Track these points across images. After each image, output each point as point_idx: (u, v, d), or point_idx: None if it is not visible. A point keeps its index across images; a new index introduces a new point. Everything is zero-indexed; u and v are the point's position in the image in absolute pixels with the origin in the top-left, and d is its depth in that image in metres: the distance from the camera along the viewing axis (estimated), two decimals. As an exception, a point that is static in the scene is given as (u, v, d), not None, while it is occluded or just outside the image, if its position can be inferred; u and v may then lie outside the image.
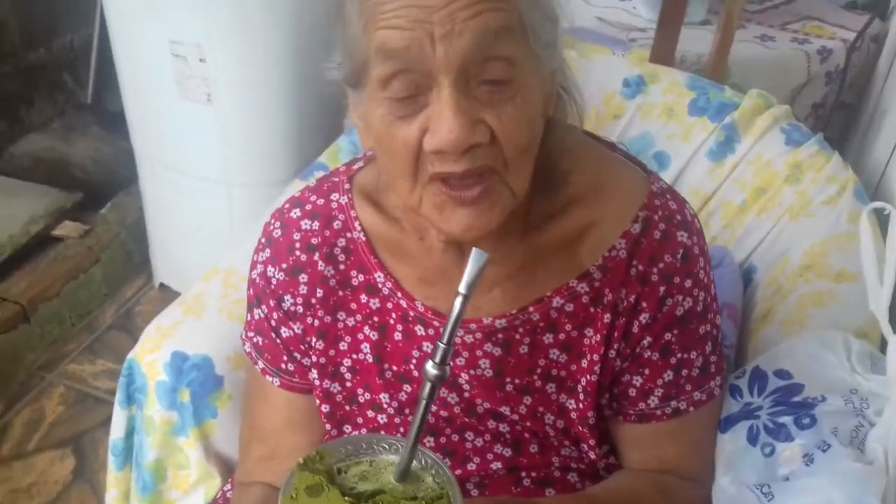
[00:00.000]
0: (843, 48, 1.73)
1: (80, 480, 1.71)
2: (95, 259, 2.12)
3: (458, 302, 0.63)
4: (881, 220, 1.11)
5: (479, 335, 0.84)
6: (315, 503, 0.64)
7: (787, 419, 0.85)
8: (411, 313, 0.84)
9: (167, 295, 2.11)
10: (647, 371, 0.85)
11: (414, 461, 0.66)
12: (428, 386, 0.63)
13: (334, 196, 0.87)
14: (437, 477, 0.67)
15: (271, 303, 0.88)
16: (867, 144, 1.55)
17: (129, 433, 1.11)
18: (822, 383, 0.88)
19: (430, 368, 0.63)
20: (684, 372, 0.85)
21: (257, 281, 0.89)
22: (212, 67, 1.69)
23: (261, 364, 0.91)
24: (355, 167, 0.89)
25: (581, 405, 0.85)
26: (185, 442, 1.08)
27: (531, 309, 0.82)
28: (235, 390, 1.09)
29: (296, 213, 0.88)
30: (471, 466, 0.89)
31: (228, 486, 1.07)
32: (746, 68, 1.67)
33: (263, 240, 0.89)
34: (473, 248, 0.64)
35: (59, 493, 1.68)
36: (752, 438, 0.86)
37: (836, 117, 1.80)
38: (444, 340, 0.63)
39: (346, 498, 0.65)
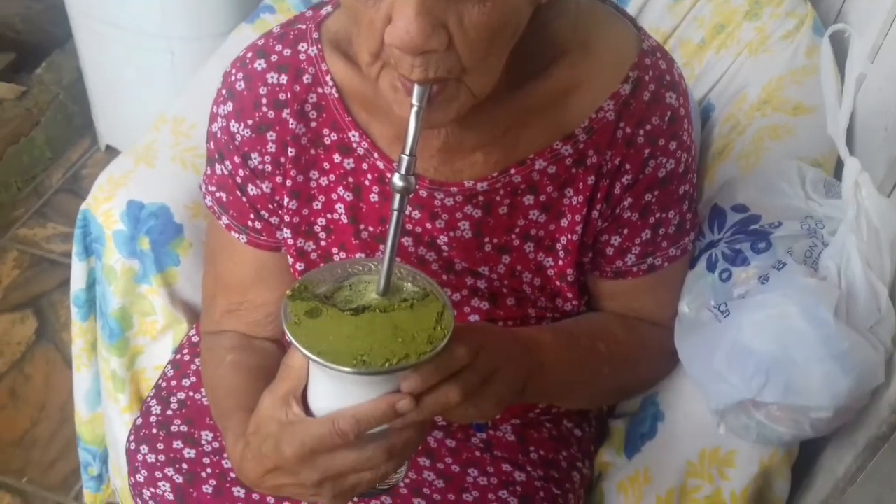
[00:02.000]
0: None
1: (43, 340, 1.71)
2: (35, 122, 2.03)
3: (412, 113, 0.65)
4: (836, 49, 1.11)
5: (459, 198, 0.82)
6: (318, 323, 0.66)
7: (743, 245, 0.88)
8: (388, 175, 0.82)
9: (114, 156, 2.03)
10: (625, 231, 0.85)
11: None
12: (397, 197, 0.65)
13: (302, 46, 0.81)
14: (415, 283, 0.69)
15: (236, 159, 0.84)
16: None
17: (91, 284, 1.10)
18: (778, 212, 0.90)
19: (397, 180, 0.65)
20: (661, 230, 0.86)
21: (218, 135, 0.84)
22: None
23: (225, 220, 0.88)
24: (323, 13, 0.83)
25: (561, 262, 0.86)
26: (149, 289, 1.07)
27: (513, 171, 0.81)
28: (196, 238, 1.08)
29: (260, 64, 0.82)
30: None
31: (193, 332, 1.08)
32: None
33: (224, 91, 0.84)
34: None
35: (24, 352, 1.69)
36: (711, 266, 0.89)
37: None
38: (407, 151, 0.65)
39: (346, 312, 0.67)
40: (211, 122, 0.86)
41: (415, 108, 0.65)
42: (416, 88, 0.65)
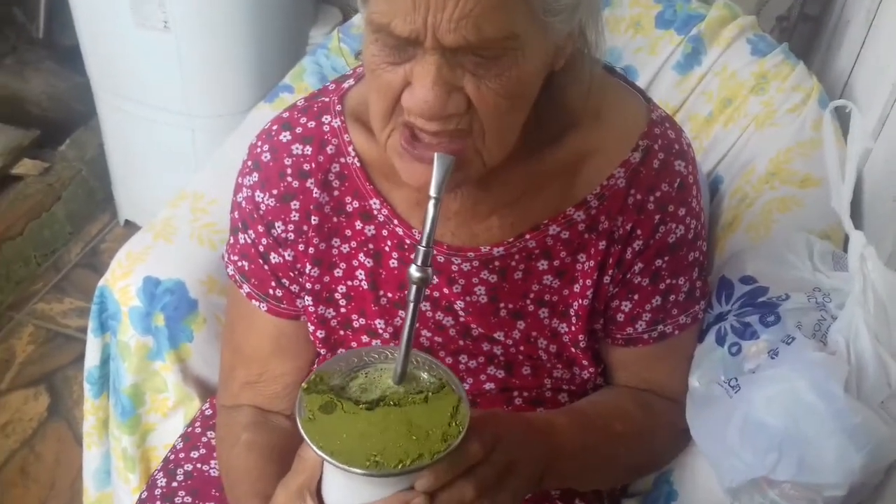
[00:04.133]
0: (807, -41, 1.73)
1: (55, 417, 1.71)
2: (57, 197, 2.08)
3: (430, 205, 0.66)
4: (843, 122, 1.12)
5: (476, 263, 0.84)
6: (332, 419, 0.66)
7: (752, 318, 0.88)
8: (407, 241, 0.84)
9: (132, 231, 2.07)
10: (636, 296, 0.86)
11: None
12: (414, 289, 0.66)
13: (326, 118, 0.84)
14: (431, 372, 0.70)
15: (259, 228, 0.86)
16: (831, 55, 1.56)
17: (104, 361, 1.11)
18: (785, 284, 0.90)
19: (414, 271, 0.65)
20: (672, 297, 0.87)
21: (243, 205, 0.87)
22: (167, -8, 1.64)
23: (246, 288, 0.90)
24: (345, 85, 0.86)
25: (573, 328, 0.86)
26: (162, 366, 1.08)
27: (528, 236, 0.83)
28: (210, 313, 1.09)
29: (285, 136, 0.84)
30: (464, 386, 0.90)
31: (207, 406, 1.08)
32: (711, -19, 1.65)
33: (250, 163, 0.86)
34: (436, 153, 0.67)
35: (35, 429, 1.69)
36: (720, 339, 0.89)
37: (799, 30, 1.81)
38: (424, 244, 0.66)
39: (360, 406, 0.67)
40: (236, 192, 0.88)
41: (432, 200, 0.66)
42: (434, 177, 0.67)
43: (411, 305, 0.66)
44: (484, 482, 0.68)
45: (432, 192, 0.67)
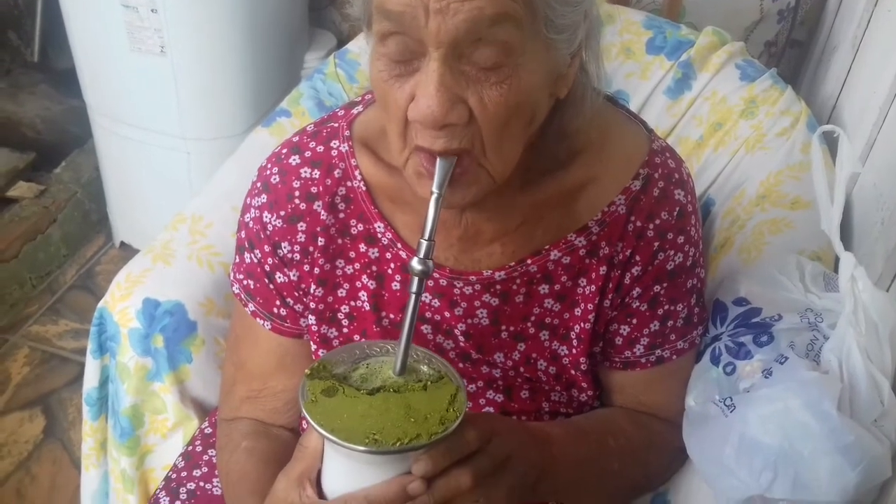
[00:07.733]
0: (794, -14, 1.76)
1: (50, 439, 1.71)
2: (52, 219, 2.09)
3: (432, 200, 0.69)
4: (831, 146, 1.15)
5: (478, 287, 0.85)
6: (334, 402, 0.68)
7: (746, 338, 0.89)
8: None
9: (128, 253, 2.09)
10: (634, 321, 0.87)
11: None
12: (415, 281, 0.68)
13: (334, 143, 0.86)
14: (430, 365, 0.72)
15: (266, 248, 0.87)
16: (818, 80, 1.59)
17: (103, 383, 1.11)
18: (778, 305, 0.91)
19: (415, 264, 0.68)
20: (670, 322, 0.88)
21: (250, 225, 0.88)
22: (164, 17, 1.66)
23: (251, 307, 0.91)
24: (354, 112, 0.88)
25: (574, 351, 0.88)
26: (161, 387, 1.08)
27: (529, 261, 0.84)
28: (209, 335, 1.10)
29: (294, 159, 0.86)
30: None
31: (206, 424, 1.09)
32: (701, 7, 1.68)
33: (259, 184, 0.88)
34: (439, 157, 0.69)
35: (31, 451, 1.68)
36: (715, 359, 0.90)
37: (787, 55, 1.84)
38: (426, 237, 0.68)
39: (361, 391, 0.68)
40: (244, 212, 0.90)
41: (434, 195, 0.69)
42: (436, 175, 0.69)
43: (413, 297, 0.68)
44: (480, 471, 0.69)
45: (434, 188, 0.69)
